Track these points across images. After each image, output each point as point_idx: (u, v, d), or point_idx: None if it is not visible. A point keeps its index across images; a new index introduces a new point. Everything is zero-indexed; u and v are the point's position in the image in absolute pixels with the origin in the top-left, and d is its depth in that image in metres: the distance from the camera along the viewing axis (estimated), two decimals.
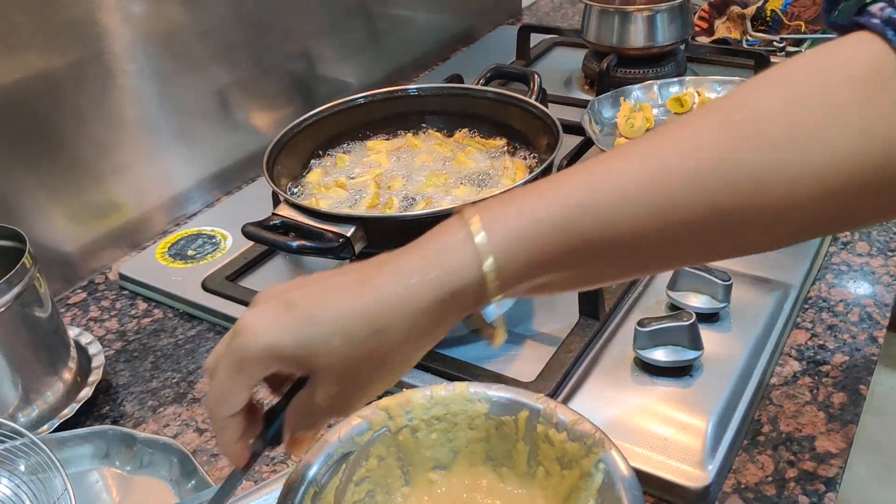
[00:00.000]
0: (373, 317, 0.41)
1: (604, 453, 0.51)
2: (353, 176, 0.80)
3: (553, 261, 0.42)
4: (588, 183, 0.42)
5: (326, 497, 0.52)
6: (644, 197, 0.41)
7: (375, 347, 0.42)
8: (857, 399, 0.66)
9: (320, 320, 0.42)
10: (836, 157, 0.39)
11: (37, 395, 0.66)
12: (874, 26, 0.39)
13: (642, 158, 0.42)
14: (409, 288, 0.42)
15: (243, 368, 0.43)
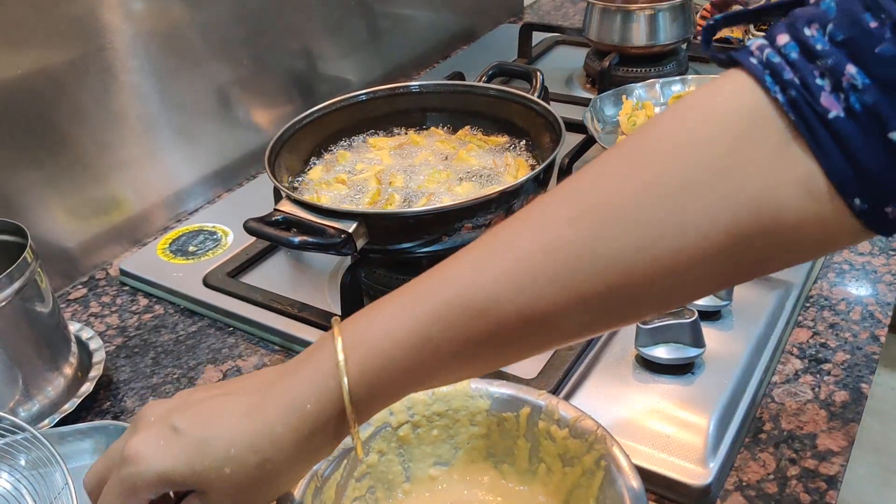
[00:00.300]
0: (260, 447, 0.42)
1: (605, 450, 0.50)
2: (355, 172, 0.80)
3: (416, 376, 0.43)
4: (438, 292, 0.42)
5: (328, 492, 0.52)
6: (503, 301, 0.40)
7: (264, 473, 0.43)
8: (858, 397, 0.66)
9: (210, 447, 0.42)
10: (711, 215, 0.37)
11: (37, 390, 0.66)
12: (752, 68, 0.37)
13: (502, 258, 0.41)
14: (291, 421, 0.42)
15: (135, 494, 0.43)
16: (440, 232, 0.67)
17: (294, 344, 0.75)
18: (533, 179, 0.69)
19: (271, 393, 0.43)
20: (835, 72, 0.35)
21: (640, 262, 0.39)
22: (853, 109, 0.35)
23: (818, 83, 0.35)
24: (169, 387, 0.73)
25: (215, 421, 0.43)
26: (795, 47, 0.36)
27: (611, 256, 0.39)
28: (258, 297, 0.79)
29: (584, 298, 0.40)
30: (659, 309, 0.43)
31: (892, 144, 0.34)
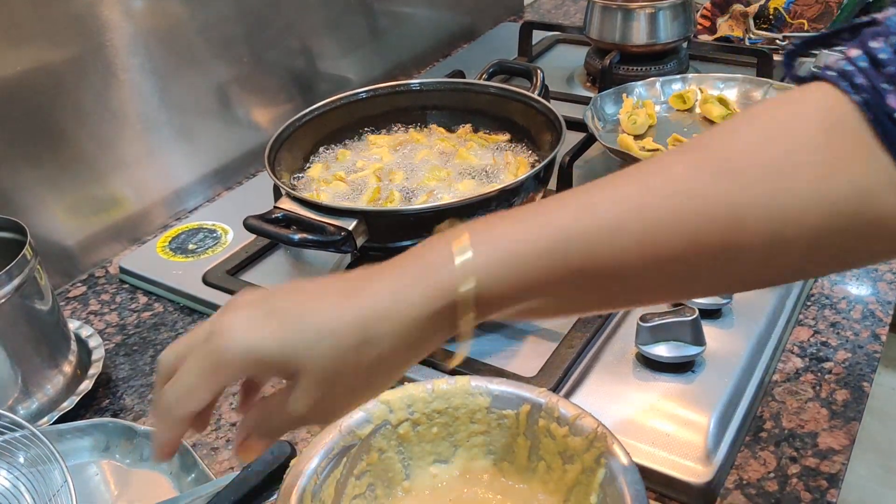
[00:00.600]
0: (363, 325, 0.41)
1: (605, 448, 0.50)
2: (355, 170, 0.79)
3: (536, 287, 0.42)
4: (573, 213, 0.43)
5: (327, 490, 0.52)
6: (626, 231, 0.42)
7: (363, 356, 0.42)
8: (859, 396, 0.65)
9: (306, 326, 0.41)
10: (807, 201, 0.40)
11: (37, 388, 0.66)
12: (831, 78, 0.41)
13: (623, 195, 0.43)
14: (398, 301, 0.42)
15: (218, 371, 0.42)
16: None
17: None
18: (533, 177, 0.69)
19: (377, 276, 0.43)
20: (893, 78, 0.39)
21: (751, 221, 0.41)
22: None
23: (884, 87, 0.39)
24: None
25: (315, 300, 0.42)
26: (865, 58, 0.40)
27: (727, 210, 0.41)
28: None
29: (699, 245, 0.41)
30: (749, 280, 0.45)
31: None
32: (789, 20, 1.30)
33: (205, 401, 0.43)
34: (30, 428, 0.57)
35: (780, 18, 1.31)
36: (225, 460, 0.64)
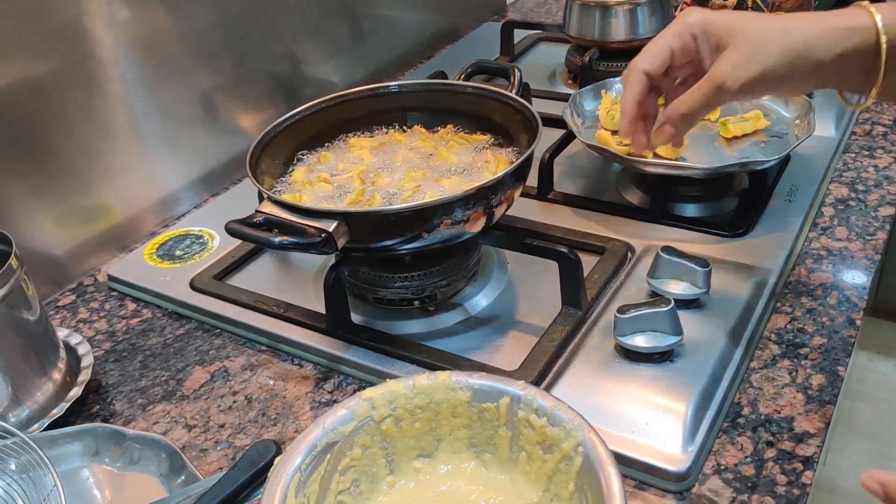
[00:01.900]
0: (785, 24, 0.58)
1: (582, 436, 0.52)
2: (337, 172, 0.80)
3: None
4: None
5: (312, 486, 0.53)
6: None
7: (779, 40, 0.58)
8: (835, 380, 0.67)
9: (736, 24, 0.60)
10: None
11: (27, 396, 0.67)
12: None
13: None
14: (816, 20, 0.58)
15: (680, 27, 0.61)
16: (420, 229, 0.68)
17: (280, 344, 0.76)
18: (511, 175, 0.70)
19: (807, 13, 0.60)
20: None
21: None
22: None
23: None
24: (157, 389, 0.74)
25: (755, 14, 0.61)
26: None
27: None
28: (244, 299, 0.80)
29: None
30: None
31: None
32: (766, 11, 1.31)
33: (656, 56, 0.63)
34: (20, 434, 0.58)
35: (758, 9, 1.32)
36: (214, 461, 0.65)
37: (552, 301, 0.74)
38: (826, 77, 0.59)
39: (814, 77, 0.59)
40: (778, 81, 0.59)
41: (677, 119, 0.63)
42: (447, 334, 0.74)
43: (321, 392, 0.72)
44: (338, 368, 0.73)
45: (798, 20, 0.58)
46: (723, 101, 0.60)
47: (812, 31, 0.57)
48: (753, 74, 0.58)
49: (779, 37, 0.58)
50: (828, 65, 0.57)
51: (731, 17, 0.60)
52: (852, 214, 0.87)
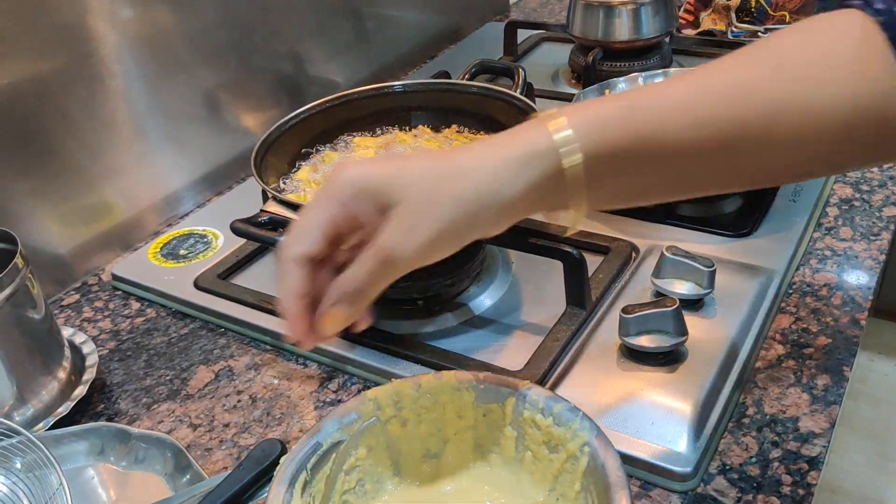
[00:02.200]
0: (458, 161, 0.48)
1: (588, 436, 0.52)
2: None
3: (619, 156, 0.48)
4: (644, 93, 0.51)
5: (317, 485, 0.53)
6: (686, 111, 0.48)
7: (454, 187, 0.47)
8: (839, 380, 0.67)
9: (410, 166, 0.48)
10: (839, 96, 0.47)
11: (32, 395, 0.67)
12: (854, 4, 0.48)
13: (690, 80, 0.50)
14: (491, 147, 0.48)
15: (334, 194, 0.48)
16: None
17: (285, 343, 0.76)
18: None
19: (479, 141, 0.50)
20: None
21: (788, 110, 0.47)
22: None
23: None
24: (162, 388, 0.74)
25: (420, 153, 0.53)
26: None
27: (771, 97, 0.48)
28: (249, 298, 0.80)
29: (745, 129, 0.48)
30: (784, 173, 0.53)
31: None
32: (771, 13, 1.32)
33: (313, 234, 0.48)
34: (26, 434, 0.58)
35: (763, 11, 1.32)
36: (219, 460, 0.65)
37: (556, 301, 0.74)
38: (523, 209, 0.49)
39: (507, 215, 0.49)
40: (462, 234, 0.48)
41: (347, 299, 0.50)
42: (451, 334, 0.74)
43: (326, 392, 0.72)
44: (342, 368, 0.73)
45: (474, 154, 0.48)
46: (399, 271, 0.49)
47: (489, 168, 0.47)
48: (429, 236, 0.47)
49: (451, 185, 0.47)
50: (519, 200, 0.47)
51: (391, 168, 0.48)
52: (857, 215, 0.87)
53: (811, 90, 0.47)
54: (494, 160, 0.47)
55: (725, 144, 0.48)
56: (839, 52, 0.48)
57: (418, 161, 0.49)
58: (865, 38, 0.47)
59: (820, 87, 0.47)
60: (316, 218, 0.48)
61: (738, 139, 0.48)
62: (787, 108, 0.47)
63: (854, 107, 0.47)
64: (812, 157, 0.50)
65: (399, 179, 0.47)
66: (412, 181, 0.47)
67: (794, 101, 0.47)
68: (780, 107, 0.47)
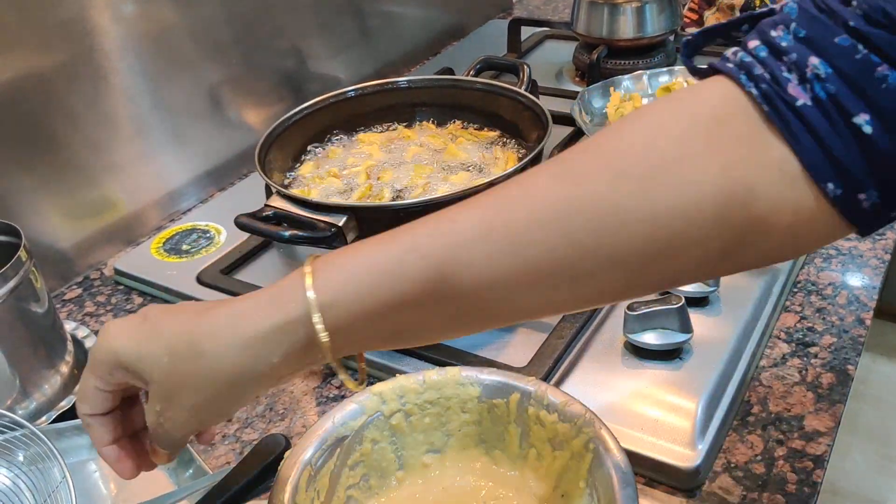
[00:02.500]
0: (197, 340, 0.43)
1: (594, 433, 0.51)
2: (346, 167, 0.80)
3: (387, 307, 0.42)
4: (426, 228, 0.43)
5: (321, 480, 0.53)
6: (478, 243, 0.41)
7: (197, 369, 0.43)
8: (845, 379, 0.67)
9: (158, 336, 0.43)
10: (697, 194, 0.39)
11: (34, 388, 0.67)
12: (729, 70, 0.40)
13: (481, 208, 0.42)
14: (236, 319, 0.43)
15: (94, 369, 0.45)
16: None
17: None
18: (520, 171, 0.70)
19: (229, 301, 0.44)
20: (799, 65, 0.37)
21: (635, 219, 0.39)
22: (819, 98, 0.37)
23: (785, 76, 0.38)
24: None
25: (175, 316, 0.44)
26: (764, 48, 0.39)
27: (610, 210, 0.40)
28: None
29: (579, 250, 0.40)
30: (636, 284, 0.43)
31: (857, 129, 0.36)
32: None
33: (93, 400, 0.46)
34: (30, 427, 0.58)
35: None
36: (222, 455, 0.65)
37: None
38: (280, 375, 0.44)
39: (264, 384, 0.44)
40: (220, 409, 0.45)
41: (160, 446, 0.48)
42: None
43: (329, 387, 0.71)
44: (346, 363, 0.73)
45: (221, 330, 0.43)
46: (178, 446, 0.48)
47: (238, 345, 0.42)
48: (180, 421, 0.44)
49: (193, 367, 0.43)
50: (276, 369, 0.43)
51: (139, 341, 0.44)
52: None
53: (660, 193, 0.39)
54: (246, 333, 0.42)
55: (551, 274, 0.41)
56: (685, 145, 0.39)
57: (167, 330, 0.44)
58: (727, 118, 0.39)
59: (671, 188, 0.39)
60: (90, 386, 0.46)
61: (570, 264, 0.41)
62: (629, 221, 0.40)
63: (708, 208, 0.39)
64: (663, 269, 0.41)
65: (147, 357, 0.44)
66: (156, 361, 0.43)
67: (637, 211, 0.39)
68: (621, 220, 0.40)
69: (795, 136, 0.37)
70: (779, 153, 0.38)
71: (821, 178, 0.37)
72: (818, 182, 0.37)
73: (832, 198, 0.37)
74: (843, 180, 0.37)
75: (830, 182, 0.37)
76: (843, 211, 0.38)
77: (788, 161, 0.38)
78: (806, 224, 0.39)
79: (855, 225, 0.38)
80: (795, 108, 0.37)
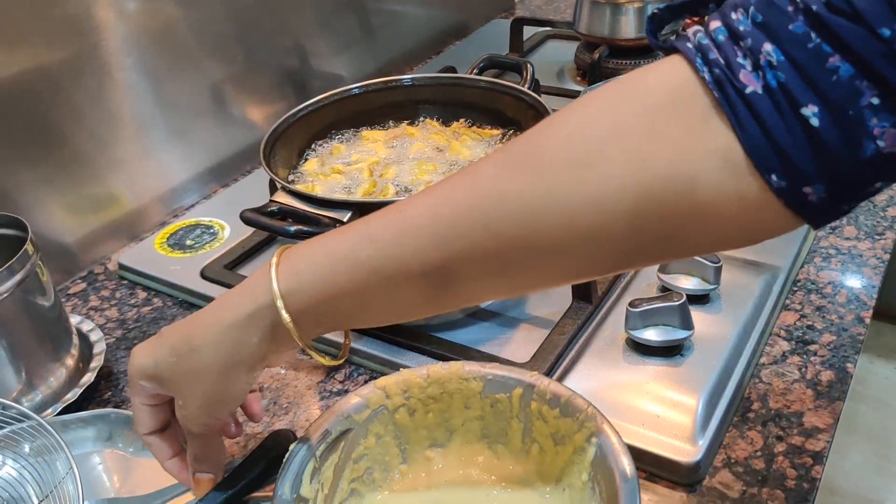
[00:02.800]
0: (191, 337, 0.48)
1: (596, 428, 0.52)
2: (350, 163, 0.81)
3: (344, 291, 0.46)
4: (381, 218, 0.46)
5: (325, 473, 0.53)
6: (426, 229, 0.43)
7: (194, 363, 0.48)
8: (844, 377, 0.67)
9: (165, 343, 0.50)
10: (617, 185, 0.39)
11: (40, 381, 0.67)
12: (686, 51, 0.39)
13: (431, 196, 0.45)
14: (218, 311, 0.48)
15: (131, 388, 0.52)
16: None
17: None
18: None
19: (218, 298, 0.50)
20: (754, 51, 0.37)
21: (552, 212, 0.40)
22: (769, 86, 0.36)
23: (739, 62, 0.37)
24: None
25: (176, 324, 0.51)
26: (724, 31, 0.38)
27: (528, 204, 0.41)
28: None
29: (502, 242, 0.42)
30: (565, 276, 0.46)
31: (804, 120, 0.35)
32: None
33: (143, 420, 0.53)
34: (36, 418, 0.58)
35: None
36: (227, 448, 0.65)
37: (562, 295, 0.74)
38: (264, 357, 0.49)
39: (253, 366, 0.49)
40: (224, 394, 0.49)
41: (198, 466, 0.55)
42: (457, 326, 0.74)
43: (332, 382, 0.72)
44: (349, 358, 0.74)
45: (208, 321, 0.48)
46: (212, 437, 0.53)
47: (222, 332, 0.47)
48: (195, 412, 0.50)
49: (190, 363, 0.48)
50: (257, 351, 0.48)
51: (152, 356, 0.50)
52: (861, 214, 0.88)
53: (578, 186, 0.40)
54: (226, 323, 0.47)
55: (483, 263, 0.43)
56: (623, 132, 0.39)
57: (171, 335, 0.50)
58: (673, 102, 0.38)
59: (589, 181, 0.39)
60: (136, 405, 0.53)
61: (499, 256, 0.42)
62: (547, 214, 0.40)
63: (638, 197, 0.39)
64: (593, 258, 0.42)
65: (160, 362, 0.49)
66: (166, 363, 0.49)
67: (555, 204, 0.40)
68: (538, 213, 0.41)
69: (742, 123, 0.37)
70: (723, 141, 0.37)
71: (764, 168, 0.37)
72: (762, 173, 0.37)
73: (776, 189, 0.37)
74: (787, 172, 0.36)
75: (774, 174, 0.37)
76: (789, 204, 0.37)
77: (733, 150, 0.37)
78: (752, 215, 0.38)
79: (802, 218, 0.38)
80: (745, 96, 0.36)
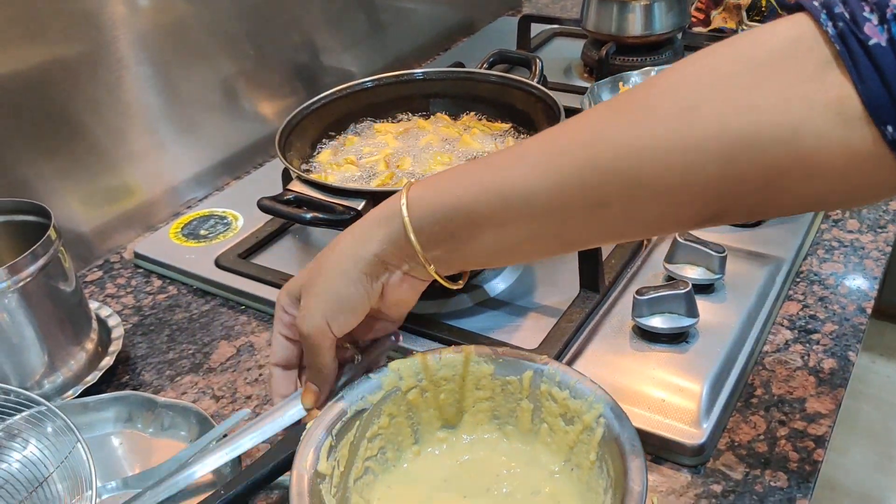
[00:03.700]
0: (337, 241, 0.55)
1: (604, 408, 0.53)
2: (362, 156, 0.82)
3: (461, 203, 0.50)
4: (494, 164, 0.50)
5: (341, 451, 0.55)
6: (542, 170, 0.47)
7: (323, 260, 0.54)
8: (846, 364, 0.69)
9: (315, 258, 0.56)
10: (717, 129, 0.40)
11: (62, 364, 0.69)
12: (811, 7, 0.40)
13: (549, 133, 0.49)
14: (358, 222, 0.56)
15: (276, 315, 0.58)
16: None
17: None
18: None
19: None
20: (881, 5, 0.37)
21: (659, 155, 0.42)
22: (894, 38, 0.36)
23: (865, 16, 0.38)
24: (185, 361, 0.76)
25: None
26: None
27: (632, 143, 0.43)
28: (269, 277, 0.82)
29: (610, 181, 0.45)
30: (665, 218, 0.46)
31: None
32: (781, 12, 1.33)
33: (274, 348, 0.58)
34: (46, 404, 0.60)
35: (773, 10, 1.34)
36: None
37: (570, 284, 0.76)
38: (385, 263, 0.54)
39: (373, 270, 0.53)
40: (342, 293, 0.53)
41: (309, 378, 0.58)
42: (467, 314, 0.76)
43: None
44: None
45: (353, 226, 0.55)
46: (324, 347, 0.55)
47: (355, 233, 0.54)
48: (316, 304, 0.54)
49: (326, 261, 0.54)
50: (379, 253, 0.53)
51: (305, 272, 0.56)
52: (863, 208, 0.89)
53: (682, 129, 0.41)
54: (361, 225, 0.55)
55: (585, 196, 0.45)
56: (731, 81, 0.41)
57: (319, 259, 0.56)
58: (791, 55, 0.39)
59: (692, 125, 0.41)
60: (274, 334, 0.58)
61: (598, 190, 0.45)
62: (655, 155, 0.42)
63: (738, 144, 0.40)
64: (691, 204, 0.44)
65: (302, 278, 0.56)
66: (306, 274, 0.56)
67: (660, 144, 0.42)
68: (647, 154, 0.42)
69: (861, 74, 0.37)
70: (839, 92, 0.37)
71: (881, 120, 0.37)
72: (878, 124, 0.37)
73: (891, 140, 0.37)
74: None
75: (890, 125, 0.37)
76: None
77: (848, 101, 0.37)
78: (860, 167, 0.39)
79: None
80: (868, 48, 0.37)
